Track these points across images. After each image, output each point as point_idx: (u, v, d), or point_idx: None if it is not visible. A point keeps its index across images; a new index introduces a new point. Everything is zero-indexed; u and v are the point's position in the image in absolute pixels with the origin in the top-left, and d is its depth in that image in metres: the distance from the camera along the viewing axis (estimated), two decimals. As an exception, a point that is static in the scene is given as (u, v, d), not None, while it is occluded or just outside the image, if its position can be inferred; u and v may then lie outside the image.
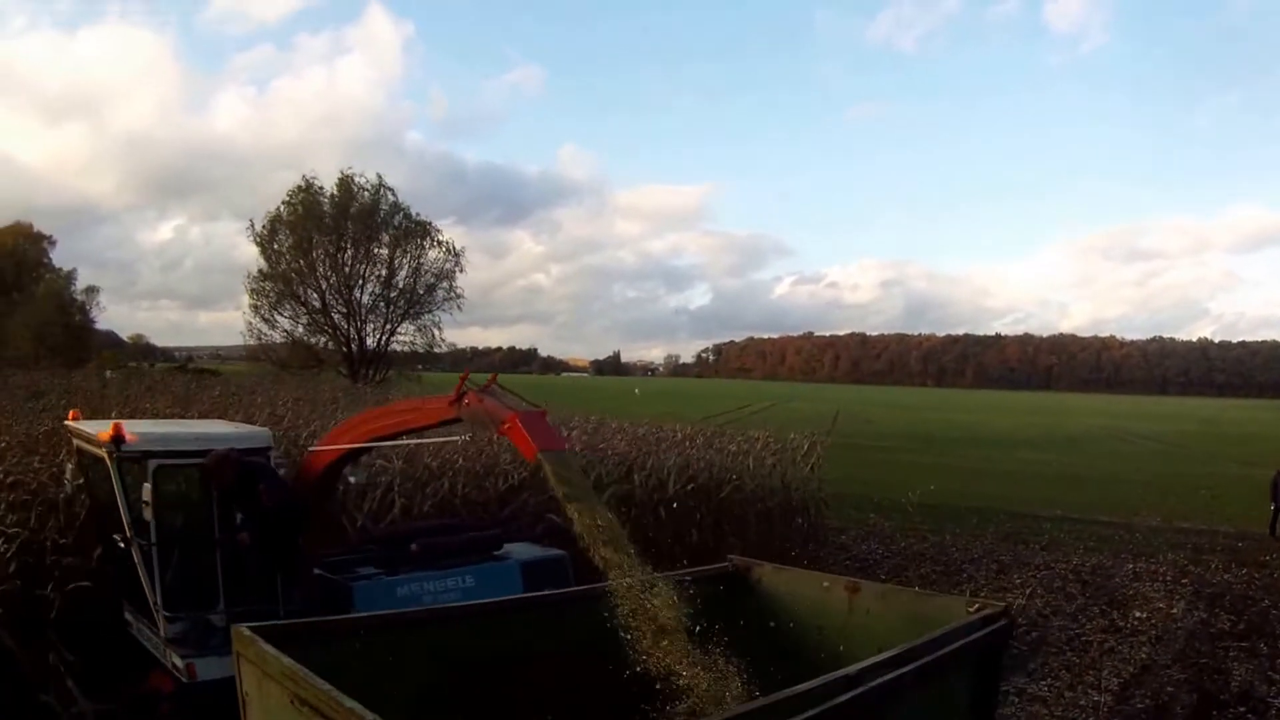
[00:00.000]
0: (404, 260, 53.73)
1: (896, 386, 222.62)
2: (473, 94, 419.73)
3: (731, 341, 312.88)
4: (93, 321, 78.25)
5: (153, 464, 7.88)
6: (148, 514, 7.87)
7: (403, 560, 8.93)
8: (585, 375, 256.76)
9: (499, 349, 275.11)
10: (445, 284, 54.68)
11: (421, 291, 54.05)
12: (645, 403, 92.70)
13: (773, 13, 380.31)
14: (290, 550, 8.25)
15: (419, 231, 53.87)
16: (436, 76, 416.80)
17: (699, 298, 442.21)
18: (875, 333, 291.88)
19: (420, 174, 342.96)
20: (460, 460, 13.34)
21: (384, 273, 53.20)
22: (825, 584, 6.75)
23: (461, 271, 55.39)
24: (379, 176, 54.15)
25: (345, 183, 53.15)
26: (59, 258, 79.14)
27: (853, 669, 4.68)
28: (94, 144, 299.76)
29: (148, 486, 7.85)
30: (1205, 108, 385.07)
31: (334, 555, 9.18)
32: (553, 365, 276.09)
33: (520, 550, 9.59)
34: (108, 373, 42.71)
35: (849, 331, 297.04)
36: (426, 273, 54.36)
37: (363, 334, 53.09)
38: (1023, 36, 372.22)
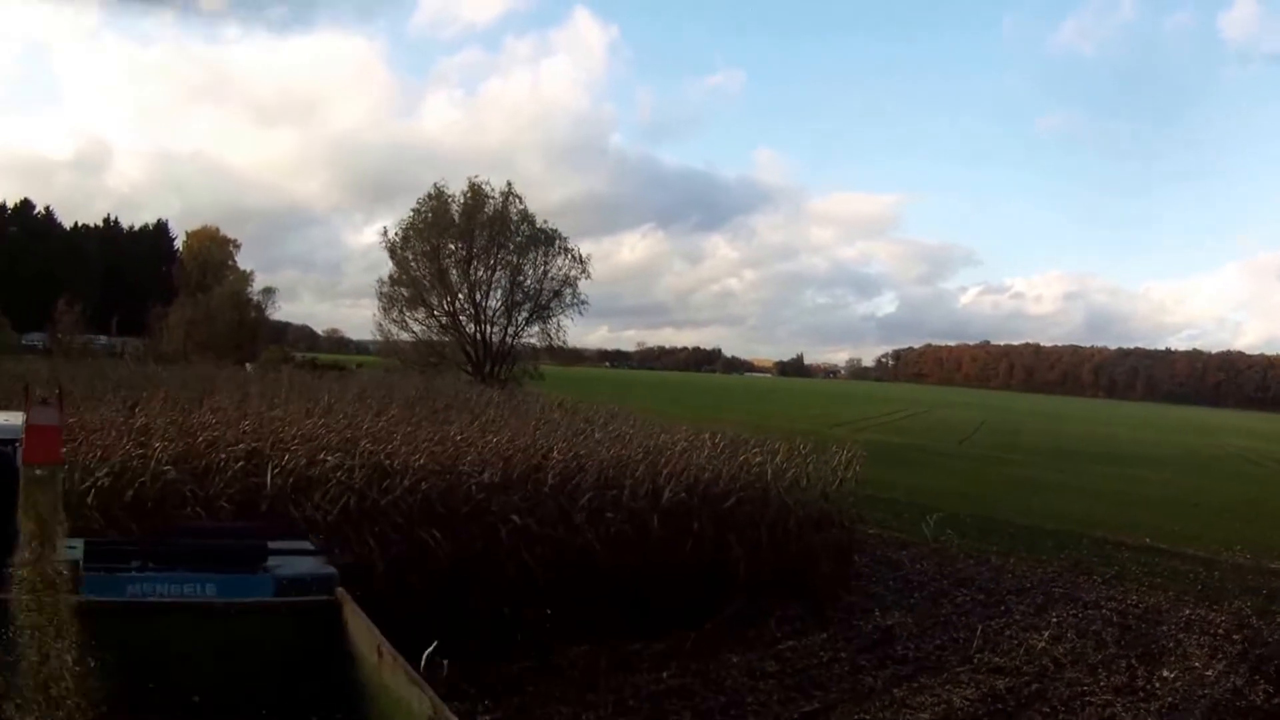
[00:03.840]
0: (529, 268, 52.48)
1: (1067, 397, 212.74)
2: (674, 97, 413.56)
3: (910, 347, 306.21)
4: (268, 319, 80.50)
5: None
6: None
7: (163, 557, 7.66)
8: (768, 376, 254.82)
9: (684, 349, 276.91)
10: (570, 290, 52.95)
11: (547, 299, 52.61)
12: (802, 404, 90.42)
13: (962, 22, 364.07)
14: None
15: (545, 239, 52.43)
16: (640, 79, 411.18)
17: (886, 305, 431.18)
18: (1051, 344, 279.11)
19: (622, 177, 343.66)
20: (421, 460, 11.92)
21: (508, 281, 52.22)
22: (367, 641, 5.78)
23: (587, 278, 53.56)
24: (508, 184, 52.74)
25: (475, 190, 51.92)
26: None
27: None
28: (305, 147, 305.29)
29: None
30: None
31: (115, 544, 7.89)
32: (736, 366, 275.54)
33: (290, 564, 7.98)
34: (247, 366, 43.42)
35: (1023, 341, 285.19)
36: (552, 279, 52.83)
37: (488, 336, 52.02)
38: (1198, 46, 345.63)
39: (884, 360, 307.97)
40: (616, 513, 12.55)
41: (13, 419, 8.21)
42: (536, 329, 53.56)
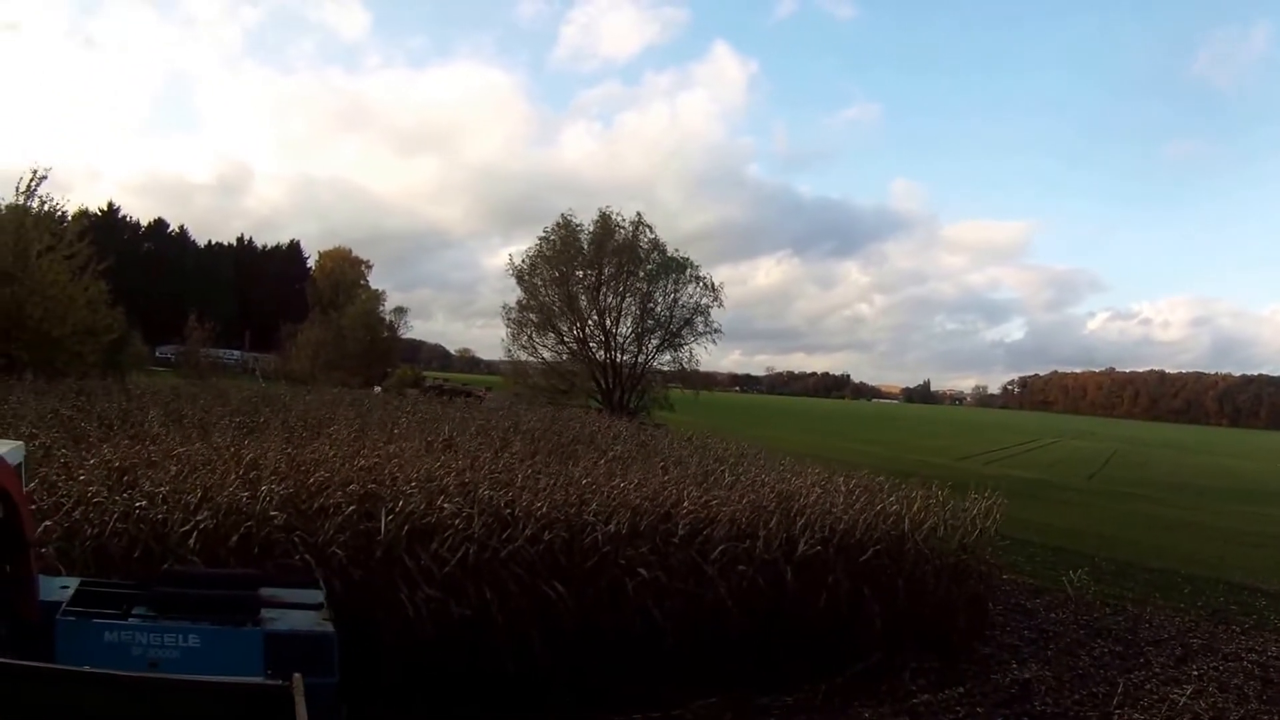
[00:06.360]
0: (659, 295, 50.66)
1: (1191, 425, 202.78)
2: (811, 129, 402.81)
3: (1036, 375, 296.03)
4: (399, 339, 79.32)
5: None
6: None
7: (158, 604, 6.81)
8: (895, 402, 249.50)
9: (813, 374, 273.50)
10: (701, 318, 50.92)
11: (678, 326, 50.68)
12: (929, 433, 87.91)
13: (1093, 54, 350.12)
14: None
15: (676, 267, 50.63)
16: (778, 112, 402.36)
17: (1014, 331, 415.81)
18: (1175, 370, 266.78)
19: (759, 206, 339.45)
20: (544, 508, 11.03)
21: (639, 309, 50.53)
22: None
23: (719, 306, 51.30)
24: (638, 214, 50.96)
25: (604, 219, 50.48)
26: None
27: None
28: (444, 175, 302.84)
29: None
30: None
31: (111, 587, 7.11)
32: (864, 392, 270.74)
33: (286, 619, 7.01)
34: (376, 389, 43.63)
35: (1148, 369, 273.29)
36: (683, 307, 50.89)
37: (619, 364, 50.24)
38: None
39: (1010, 387, 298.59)
40: (749, 565, 11.67)
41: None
42: (668, 357, 51.85)
